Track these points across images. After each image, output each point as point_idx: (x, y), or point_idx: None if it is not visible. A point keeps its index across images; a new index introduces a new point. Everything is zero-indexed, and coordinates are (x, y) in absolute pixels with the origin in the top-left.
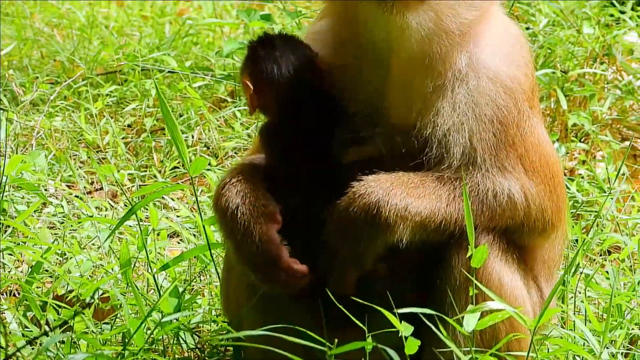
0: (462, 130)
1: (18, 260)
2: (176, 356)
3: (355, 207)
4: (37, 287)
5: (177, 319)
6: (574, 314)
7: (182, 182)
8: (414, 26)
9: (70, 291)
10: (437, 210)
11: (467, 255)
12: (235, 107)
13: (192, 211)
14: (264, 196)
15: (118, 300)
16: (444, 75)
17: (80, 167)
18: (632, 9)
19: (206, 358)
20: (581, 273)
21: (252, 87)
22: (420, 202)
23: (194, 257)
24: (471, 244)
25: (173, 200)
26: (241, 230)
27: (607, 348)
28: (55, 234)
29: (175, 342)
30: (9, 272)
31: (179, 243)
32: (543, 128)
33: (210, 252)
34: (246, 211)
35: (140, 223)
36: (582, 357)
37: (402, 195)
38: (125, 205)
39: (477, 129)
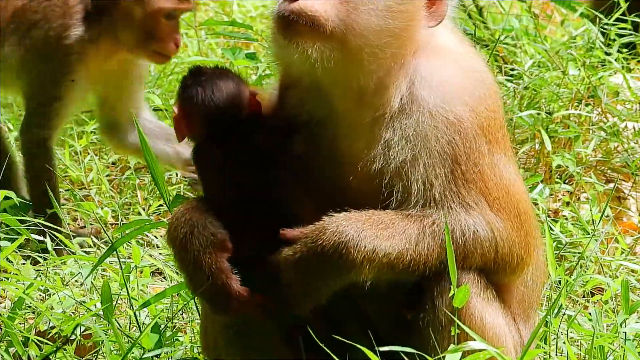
0: (417, 165)
1: (0, 296)
2: None
3: (324, 242)
4: (19, 323)
5: (157, 356)
6: (556, 354)
7: (166, 220)
8: (324, 59)
9: (52, 327)
10: (405, 251)
11: (450, 295)
12: None
13: None
14: (212, 224)
15: (99, 336)
16: (384, 107)
17: (64, 204)
18: (618, 51)
19: None
20: (564, 314)
21: (176, 111)
22: (389, 243)
23: (176, 294)
24: (453, 284)
25: (156, 237)
26: (191, 260)
27: None
28: (37, 270)
29: None
30: None
31: (161, 280)
32: (510, 165)
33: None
34: (195, 241)
35: (123, 260)
36: None
37: (372, 237)
38: (107, 243)
39: (431, 163)
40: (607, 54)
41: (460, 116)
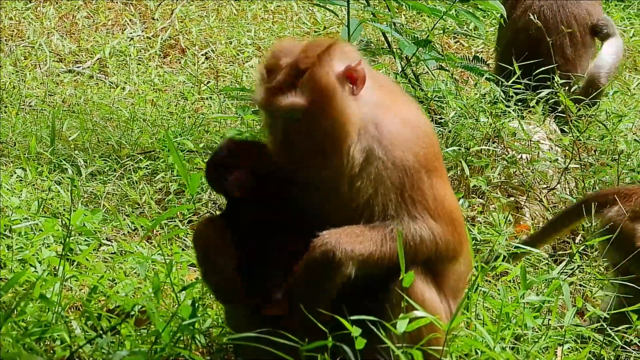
0: (378, 196)
1: (82, 285)
2: (192, 352)
3: (316, 254)
4: (94, 304)
5: (192, 325)
6: (475, 319)
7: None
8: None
9: (118, 306)
10: (374, 251)
11: (400, 278)
12: None
13: None
14: (225, 237)
15: (152, 311)
16: (354, 166)
17: (125, 218)
18: (515, 104)
19: (214, 353)
20: (480, 290)
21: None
22: (362, 246)
23: None
24: (402, 271)
25: (191, 241)
26: (209, 261)
27: (499, 343)
28: (107, 265)
29: (191, 341)
30: (75, 293)
31: (194, 271)
32: (444, 184)
33: None
34: (212, 248)
35: (167, 257)
36: (481, 351)
37: (349, 243)
38: (156, 246)
39: (387, 193)
40: (507, 106)
41: (402, 158)
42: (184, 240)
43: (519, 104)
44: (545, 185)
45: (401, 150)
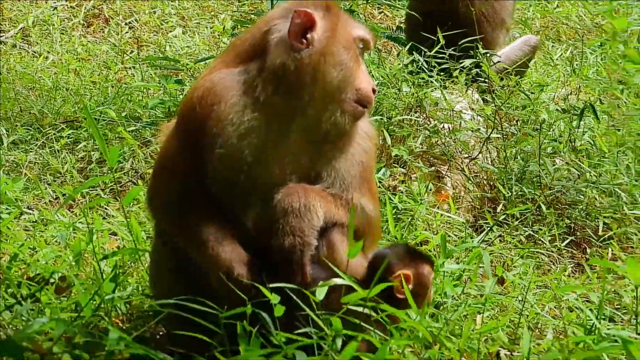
0: (345, 172)
1: (2, 253)
2: (112, 319)
3: (288, 196)
4: (15, 272)
5: (113, 292)
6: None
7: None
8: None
9: (39, 274)
10: (334, 210)
11: (345, 250)
12: (156, 144)
13: (126, 217)
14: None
15: (71, 279)
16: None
17: (47, 187)
18: (437, 74)
19: (134, 320)
20: None
21: None
22: (325, 203)
23: (126, 247)
24: (350, 241)
25: (112, 210)
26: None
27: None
28: (28, 234)
29: (112, 309)
30: None
31: (116, 240)
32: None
33: (136, 246)
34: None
35: (89, 225)
36: (401, 319)
37: (315, 194)
38: (77, 214)
39: (352, 170)
40: (429, 76)
41: (370, 146)
42: (105, 209)
43: (442, 73)
44: (466, 155)
45: (368, 141)
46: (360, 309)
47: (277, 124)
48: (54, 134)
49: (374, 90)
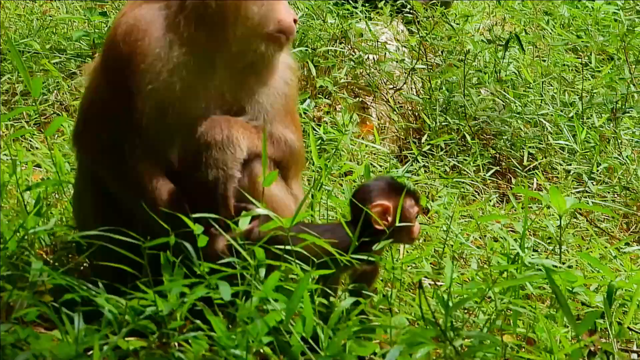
0: (268, 105)
1: None
2: (36, 251)
3: (211, 129)
4: None
5: (37, 224)
6: (319, 218)
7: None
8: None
9: None
10: (257, 142)
11: (259, 179)
12: (81, 77)
13: (50, 149)
14: None
15: None
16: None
17: None
18: (362, 5)
19: (58, 251)
20: (325, 189)
21: None
22: (248, 135)
23: (49, 179)
24: (264, 170)
25: (37, 142)
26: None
27: None
28: None
29: (35, 240)
30: None
31: (40, 172)
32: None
33: (60, 178)
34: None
35: (12, 157)
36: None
37: (238, 126)
38: (1, 147)
39: (275, 102)
40: (354, 7)
41: (294, 79)
42: (30, 140)
43: (366, 5)
44: (391, 86)
45: (287, 71)
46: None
47: (202, 58)
48: None
49: (295, 21)
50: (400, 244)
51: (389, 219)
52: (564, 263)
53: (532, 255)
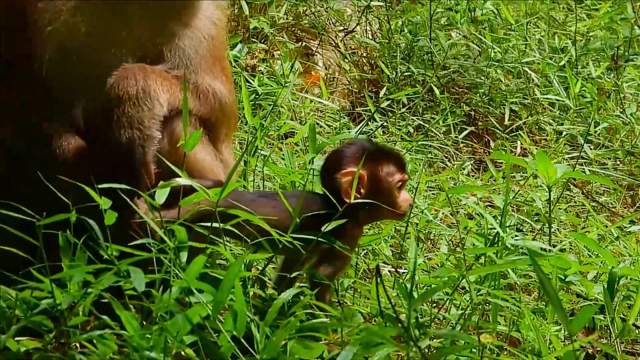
0: (191, 50)
1: None
2: None
3: (124, 80)
4: None
5: None
6: (254, 189)
7: None
8: None
9: None
10: (177, 95)
11: (179, 144)
12: None
13: None
14: None
15: None
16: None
17: None
18: None
19: None
20: (261, 154)
21: None
22: (169, 87)
23: None
24: (185, 129)
25: None
26: None
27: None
28: None
29: None
30: None
31: None
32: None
33: None
34: None
35: None
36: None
37: (156, 76)
38: None
39: (200, 47)
40: None
41: (218, 18)
42: None
43: None
44: (342, 28)
45: (221, 11)
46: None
47: None
48: None
49: None
50: (386, 222)
51: (362, 190)
52: (554, 246)
53: (516, 236)
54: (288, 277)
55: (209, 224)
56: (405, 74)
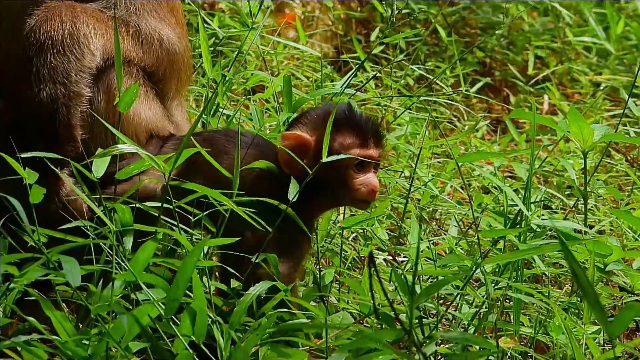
0: None
1: None
2: None
3: (47, 22)
4: None
5: None
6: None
7: None
8: None
9: None
10: (112, 42)
11: (115, 102)
12: None
13: None
14: None
15: None
16: None
17: None
18: None
19: None
20: (222, 114)
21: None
22: (104, 31)
23: None
24: (119, 87)
25: None
26: None
27: None
28: None
29: None
30: None
31: None
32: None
33: None
34: None
35: None
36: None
37: (88, 17)
38: None
39: None
40: None
41: None
42: None
43: None
44: None
45: None
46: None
47: None
48: None
49: None
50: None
51: (306, 161)
52: (591, 227)
53: (542, 215)
54: (252, 264)
55: (158, 203)
56: (404, 11)
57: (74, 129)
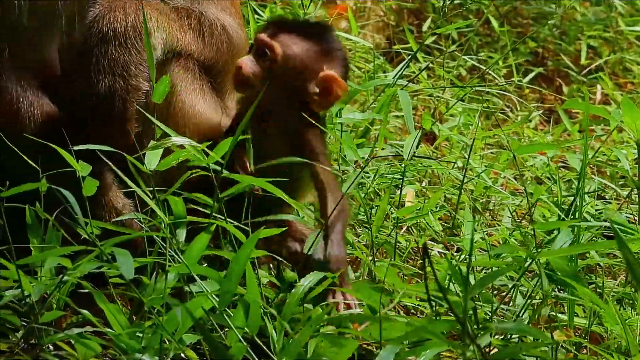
0: None
1: None
2: None
3: (110, 14)
4: None
5: None
6: None
7: None
8: None
9: None
10: (178, 35)
11: (190, 100)
12: None
13: None
14: None
15: None
16: None
17: None
18: None
19: None
20: None
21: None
22: (166, 23)
23: None
24: (152, 78)
25: None
26: None
27: None
28: None
29: None
30: None
31: None
32: None
33: None
34: None
35: None
36: None
37: (151, 9)
38: None
39: None
40: None
41: None
42: None
43: None
44: None
45: None
46: None
47: None
48: None
49: None
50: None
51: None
52: None
53: (596, 205)
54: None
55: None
56: (456, 1)
57: (129, 122)
